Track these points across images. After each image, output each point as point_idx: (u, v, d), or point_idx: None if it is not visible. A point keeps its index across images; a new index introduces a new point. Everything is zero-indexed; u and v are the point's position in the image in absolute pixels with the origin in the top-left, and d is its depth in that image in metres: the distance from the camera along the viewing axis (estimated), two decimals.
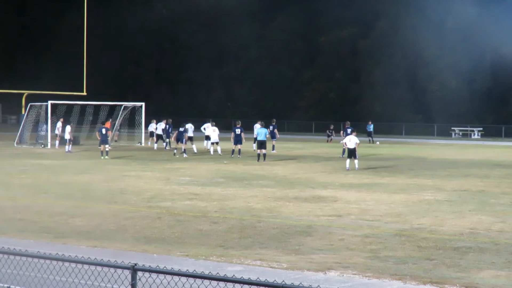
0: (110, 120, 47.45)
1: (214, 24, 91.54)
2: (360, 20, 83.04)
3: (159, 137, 44.92)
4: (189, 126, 40.73)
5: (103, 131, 36.34)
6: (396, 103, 76.21)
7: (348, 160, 30.45)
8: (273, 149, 41.32)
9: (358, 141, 30.62)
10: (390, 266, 11.83)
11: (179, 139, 38.48)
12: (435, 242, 13.90)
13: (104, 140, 35.82)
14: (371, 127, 59.03)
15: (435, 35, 77.02)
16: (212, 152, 39.39)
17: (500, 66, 73.44)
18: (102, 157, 35.69)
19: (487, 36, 72.78)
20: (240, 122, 39.40)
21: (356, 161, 30.27)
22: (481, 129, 73.27)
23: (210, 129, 41.06)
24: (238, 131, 37.53)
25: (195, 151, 39.80)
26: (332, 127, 60.83)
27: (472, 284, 10.73)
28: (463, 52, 74.05)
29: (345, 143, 30.92)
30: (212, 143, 39.95)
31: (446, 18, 78.20)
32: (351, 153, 30.37)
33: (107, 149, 35.91)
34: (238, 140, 37.29)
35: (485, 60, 75.14)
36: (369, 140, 57.60)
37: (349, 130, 37.26)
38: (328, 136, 59.11)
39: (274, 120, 44.08)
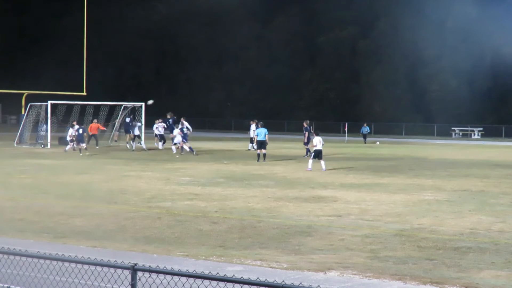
0: (96, 120, 47.03)
1: (214, 24, 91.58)
2: (360, 20, 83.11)
3: (162, 136, 45.08)
4: (137, 125, 43.69)
5: (80, 131, 39.29)
6: (396, 103, 76.28)
7: (311, 161, 30.31)
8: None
9: (323, 142, 30.80)
10: (390, 266, 11.82)
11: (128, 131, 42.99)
12: (435, 242, 13.89)
13: (79, 140, 38.76)
14: (366, 129, 58.72)
15: (435, 35, 77.05)
16: (160, 148, 40.92)
17: (500, 66, 73.49)
18: (81, 154, 37.90)
19: (487, 36, 72.81)
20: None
21: (323, 161, 30.15)
22: (481, 129, 73.31)
23: (175, 131, 41.88)
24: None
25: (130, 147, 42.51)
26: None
27: (472, 284, 10.72)
28: (463, 52, 74.07)
29: (316, 144, 30.75)
30: (175, 144, 40.85)
31: (446, 18, 78.23)
32: (319, 154, 30.28)
33: (84, 147, 38.47)
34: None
35: (485, 60, 75.16)
36: (364, 142, 57.48)
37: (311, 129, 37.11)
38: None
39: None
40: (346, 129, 63.38)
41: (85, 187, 22.96)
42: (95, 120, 46.74)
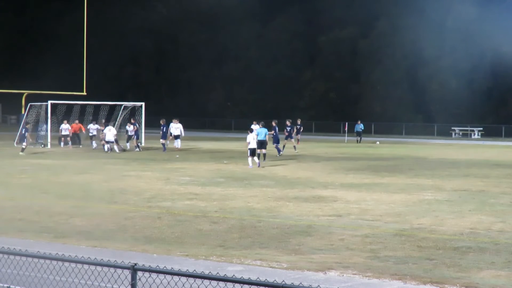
0: (77, 121, 47.31)
1: (214, 24, 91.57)
2: (360, 20, 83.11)
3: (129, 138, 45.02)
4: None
5: (23, 131, 40.47)
6: (396, 103, 76.28)
7: (250, 158, 31.08)
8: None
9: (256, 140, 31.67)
10: (390, 266, 11.83)
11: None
12: (435, 242, 13.89)
13: (22, 139, 39.81)
14: (360, 127, 58.32)
15: (435, 35, 77.06)
16: (106, 150, 40.92)
17: (500, 66, 73.48)
18: (20, 153, 38.43)
19: (487, 36, 72.81)
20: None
21: (256, 158, 31.06)
22: (481, 129, 73.30)
23: (106, 129, 42.41)
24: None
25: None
26: (299, 121, 52.17)
27: (472, 284, 10.73)
28: (463, 52, 74.06)
29: (250, 142, 31.26)
30: (107, 142, 41.46)
31: (446, 18, 78.24)
32: (254, 151, 31.21)
33: (23, 146, 39.05)
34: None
35: (485, 60, 75.16)
36: (357, 140, 57.23)
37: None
38: (297, 133, 51.06)
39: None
40: (346, 129, 63.33)
41: (85, 187, 22.96)
42: (77, 121, 47.27)
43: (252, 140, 31.20)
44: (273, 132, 38.84)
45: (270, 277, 8.56)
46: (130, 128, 44.62)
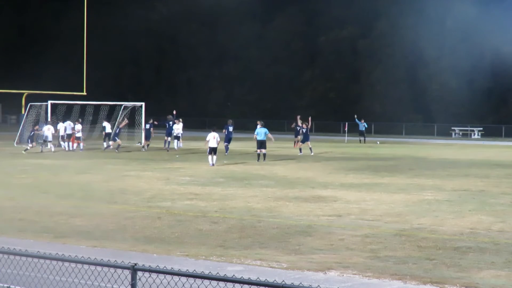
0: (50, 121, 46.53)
1: (214, 24, 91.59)
2: (360, 20, 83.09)
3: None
4: (67, 124, 44.25)
5: (31, 133, 41.00)
6: (396, 103, 76.22)
7: (210, 157, 31.66)
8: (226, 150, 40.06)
9: (218, 139, 32.34)
10: (390, 266, 11.83)
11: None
12: (435, 242, 13.90)
13: (30, 140, 40.48)
14: (364, 125, 58.17)
15: (435, 35, 77.05)
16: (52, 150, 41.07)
17: (500, 66, 73.45)
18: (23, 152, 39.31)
19: (487, 36, 72.80)
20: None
21: (215, 157, 31.70)
22: (481, 129, 73.29)
23: (45, 128, 42.22)
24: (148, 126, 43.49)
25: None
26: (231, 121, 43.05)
27: (472, 284, 10.73)
28: (463, 52, 74.04)
29: (209, 140, 31.80)
30: (49, 141, 41.73)
31: (446, 18, 78.23)
32: (215, 150, 31.82)
33: (34, 146, 40.24)
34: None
35: (485, 60, 75.13)
36: (360, 140, 57.11)
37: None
38: (296, 135, 45.40)
39: (231, 121, 43.11)
40: (346, 129, 63.29)
41: (85, 187, 22.96)
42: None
43: (212, 139, 31.75)
44: (225, 131, 39.72)
45: (270, 277, 8.55)
46: (106, 125, 44.58)
